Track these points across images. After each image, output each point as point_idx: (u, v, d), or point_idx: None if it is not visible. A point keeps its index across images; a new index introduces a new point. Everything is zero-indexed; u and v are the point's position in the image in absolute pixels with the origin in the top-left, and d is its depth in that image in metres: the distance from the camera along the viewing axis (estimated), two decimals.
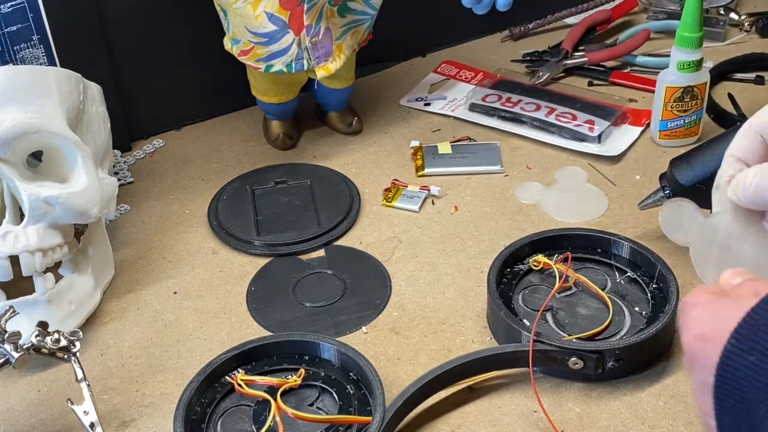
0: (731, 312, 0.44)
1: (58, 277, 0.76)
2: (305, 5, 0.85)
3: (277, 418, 0.64)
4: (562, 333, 0.72)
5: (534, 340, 0.68)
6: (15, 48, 0.86)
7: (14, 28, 0.85)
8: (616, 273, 0.77)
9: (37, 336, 0.64)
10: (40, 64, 0.88)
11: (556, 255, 0.77)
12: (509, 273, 0.77)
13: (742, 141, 0.60)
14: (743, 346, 0.43)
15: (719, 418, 0.44)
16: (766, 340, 0.42)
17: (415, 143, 0.97)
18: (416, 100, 1.05)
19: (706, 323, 0.45)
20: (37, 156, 0.75)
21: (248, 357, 0.70)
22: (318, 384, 0.69)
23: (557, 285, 0.74)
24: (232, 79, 0.99)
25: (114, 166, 0.96)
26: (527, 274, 0.77)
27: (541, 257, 0.77)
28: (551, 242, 0.79)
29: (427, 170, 0.93)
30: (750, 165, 0.60)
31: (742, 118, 0.96)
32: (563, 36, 1.13)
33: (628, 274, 0.76)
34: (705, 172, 0.77)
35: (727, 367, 0.44)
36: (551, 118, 0.97)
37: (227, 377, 0.69)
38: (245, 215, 0.88)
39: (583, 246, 0.79)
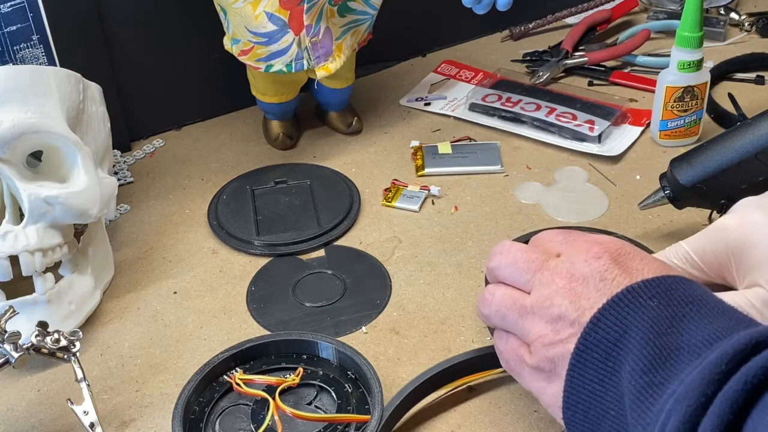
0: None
1: (58, 277, 0.76)
2: (305, 5, 0.85)
3: (276, 417, 0.64)
4: None
5: None
6: (15, 48, 0.86)
7: (14, 27, 0.85)
8: None
9: (36, 336, 0.64)
10: (40, 64, 0.88)
11: None
12: None
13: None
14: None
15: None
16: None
17: (415, 143, 0.97)
18: (416, 100, 1.05)
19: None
20: (37, 156, 0.75)
21: (246, 356, 0.70)
22: (316, 383, 0.69)
23: None
24: (232, 79, 0.99)
25: (114, 166, 0.96)
26: None
27: None
28: None
29: (427, 170, 0.93)
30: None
31: (743, 118, 0.96)
32: (563, 36, 1.13)
33: None
34: (705, 172, 0.77)
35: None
36: (551, 118, 0.97)
37: (225, 376, 0.69)
38: (245, 215, 0.88)
39: None
